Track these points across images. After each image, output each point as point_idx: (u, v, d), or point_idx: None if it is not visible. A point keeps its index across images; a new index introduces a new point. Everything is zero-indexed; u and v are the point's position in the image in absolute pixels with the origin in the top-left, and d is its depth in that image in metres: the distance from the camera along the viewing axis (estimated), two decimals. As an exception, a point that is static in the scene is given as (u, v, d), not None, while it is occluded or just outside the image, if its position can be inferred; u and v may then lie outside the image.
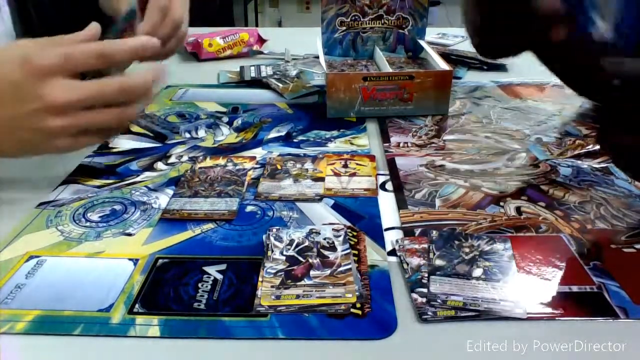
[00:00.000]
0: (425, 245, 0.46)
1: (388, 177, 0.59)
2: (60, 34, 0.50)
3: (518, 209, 0.52)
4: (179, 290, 0.42)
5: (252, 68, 0.95)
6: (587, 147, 0.64)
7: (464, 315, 0.39)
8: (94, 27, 0.52)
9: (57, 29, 0.51)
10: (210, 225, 0.50)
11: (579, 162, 0.61)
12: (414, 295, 0.41)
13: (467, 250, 0.45)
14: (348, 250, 0.46)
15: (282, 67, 0.95)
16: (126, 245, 0.47)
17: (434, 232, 0.48)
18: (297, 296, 0.41)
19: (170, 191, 0.56)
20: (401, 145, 0.67)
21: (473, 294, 0.41)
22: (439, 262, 0.44)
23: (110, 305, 0.40)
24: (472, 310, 0.39)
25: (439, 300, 0.40)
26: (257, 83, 0.90)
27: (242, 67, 0.96)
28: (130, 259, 0.45)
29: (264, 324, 0.38)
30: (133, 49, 0.51)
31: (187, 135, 0.71)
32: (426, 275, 0.43)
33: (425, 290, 0.41)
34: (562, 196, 0.54)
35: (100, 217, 0.52)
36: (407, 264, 0.44)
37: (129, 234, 0.49)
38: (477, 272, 0.43)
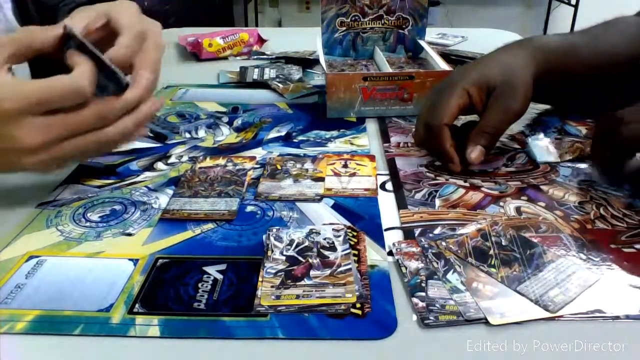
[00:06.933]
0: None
1: (388, 177, 0.59)
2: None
3: (518, 209, 0.52)
4: (179, 290, 0.42)
5: (256, 70, 0.95)
6: (586, 150, 0.64)
7: (466, 320, 0.39)
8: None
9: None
10: (210, 225, 0.50)
11: (579, 162, 0.61)
12: (415, 300, 0.40)
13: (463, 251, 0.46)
14: (348, 250, 0.46)
15: (285, 71, 0.94)
16: (126, 245, 0.47)
17: (423, 239, 0.48)
18: (297, 296, 0.41)
19: (170, 191, 0.56)
20: (401, 145, 0.67)
21: (472, 298, 0.41)
22: (435, 266, 0.44)
23: (110, 305, 0.40)
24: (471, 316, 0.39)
25: (437, 305, 0.40)
26: (257, 83, 0.90)
27: (242, 68, 0.96)
28: (130, 259, 0.45)
29: (264, 324, 0.38)
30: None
31: (187, 135, 0.71)
32: (424, 278, 0.42)
33: (424, 294, 0.41)
34: (562, 196, 0.54)
35: (100, 217, 0.52)
36: (406, 268, 0.44)
37: (129, 234, 0.49)
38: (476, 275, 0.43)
